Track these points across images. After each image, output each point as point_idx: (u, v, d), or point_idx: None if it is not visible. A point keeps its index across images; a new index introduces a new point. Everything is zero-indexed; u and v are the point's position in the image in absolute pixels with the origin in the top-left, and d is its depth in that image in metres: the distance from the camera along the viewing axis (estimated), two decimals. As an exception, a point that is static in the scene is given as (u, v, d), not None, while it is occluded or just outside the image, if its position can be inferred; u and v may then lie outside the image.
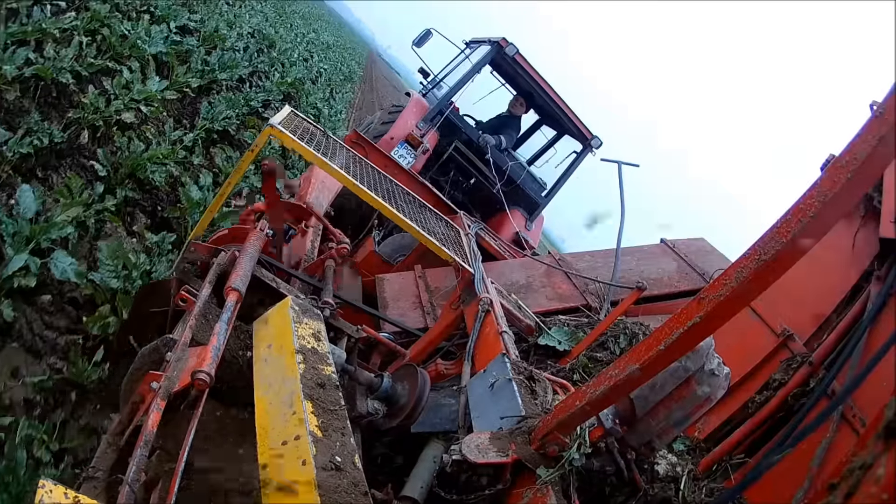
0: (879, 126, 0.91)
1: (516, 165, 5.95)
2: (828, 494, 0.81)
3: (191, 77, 6.25)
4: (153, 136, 4.92)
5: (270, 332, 1.65)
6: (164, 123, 5.27)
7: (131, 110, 4.79)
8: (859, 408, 1.89)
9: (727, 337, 1.80)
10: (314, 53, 16.33)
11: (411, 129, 5.35)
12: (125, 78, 5.05)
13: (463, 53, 6.45)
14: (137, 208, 4.27)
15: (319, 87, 13.14)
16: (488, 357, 2.00)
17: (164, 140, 5.02)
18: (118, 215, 3.94)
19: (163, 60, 6.01)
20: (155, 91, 5.25)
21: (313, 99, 11.09)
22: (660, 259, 3.78)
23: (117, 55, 5.25)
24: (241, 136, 6.61)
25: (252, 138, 5.87)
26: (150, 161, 4.47)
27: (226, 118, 6.26)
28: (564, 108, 5.96)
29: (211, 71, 6.92)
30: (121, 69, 5.11)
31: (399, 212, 2.50)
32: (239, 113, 6.78)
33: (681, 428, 1.56)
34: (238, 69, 7.92)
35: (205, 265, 2.17)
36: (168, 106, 5.64)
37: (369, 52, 46.51)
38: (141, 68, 5.43)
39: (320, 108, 11.25)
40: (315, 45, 18.16)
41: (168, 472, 1.43)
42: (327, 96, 13.46)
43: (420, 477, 1.73)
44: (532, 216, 6.04)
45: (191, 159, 5.21)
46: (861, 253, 2.35)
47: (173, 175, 4.75)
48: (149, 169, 4.41)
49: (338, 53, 23.17)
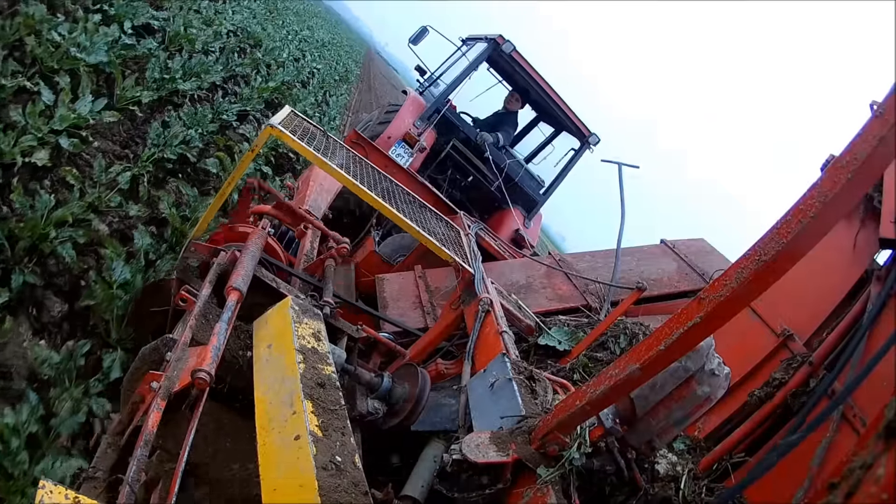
0: (879, 126, 0.91)
1: (514, 163, 5.93)
2: (828, 494, 0.81)
3: (142, 91, 4.83)
4: (76, 180, 3.44)
5: (270, 332, 1.65)
6: (95, 159, 3.74)
7: (46, 146, 3.40)
8: (859, 408, 1.89)
9: (727, 337, 1.80)
10: (307, 52, 14.95)
11: (408, 128, 5.33)
12: (44, 101, 3.62)
13: (459, 51, 6.44)
14: (50, 290, 2.91)
15: (311, 89, 11.89)
16: (488, 357, 2.01)
17: (90, 185, 3.54)
18: (18, 311, 2.68)
19: (108, 72, 4.64)
20: (87, 114, 3.86)
21: (303, 105, 9.76)
22: (660, 259, 3.78)
23: (47, 70, 3.93)
24: (204, 163, 5.03)
25: (220, 164, 5.14)
26: (57, 225, 3.01)
27: (184, 142, 4.82)
28: (562, 105, 5.94)
29: (171, 80, 5.40)
30: (39, 90, 3.67)
31: (399, 212, 2.50)
32: (204, 132, 5.33)
33: (681, 427, 1.56)
34: (210, 75, 6.41)
35: (205, 265, 2.17)
36: (108, 132, 4.22)
37: (367, 49, 45.93)
38: (75, 85, 4.04)
39: (310, 115, 9.54)
40: (309, 42, 16.90)
41: (168, 472, 1.43)
42: (320, 100, 12.20)
43: (420, 476, 1.73)
44: (530, 214, 6.03)
45: (127, 209, 3.67)
46: (861, 253, 2.35)
47: (92, 241, 3.25)
48: (55, 237, 2.96)
49: (333, 51, 21.50)
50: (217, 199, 2.54)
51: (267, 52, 10.08)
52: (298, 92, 10.25)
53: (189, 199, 4.43)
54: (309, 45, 16.72)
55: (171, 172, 4.60)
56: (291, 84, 10.23)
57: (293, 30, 15.79)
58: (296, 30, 16.32)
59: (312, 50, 16.40)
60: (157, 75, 5.25)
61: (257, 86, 8.01)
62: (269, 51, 10.27)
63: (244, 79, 8.03)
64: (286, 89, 9.33)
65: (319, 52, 17.41)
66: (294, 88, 10.18)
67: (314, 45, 17.65)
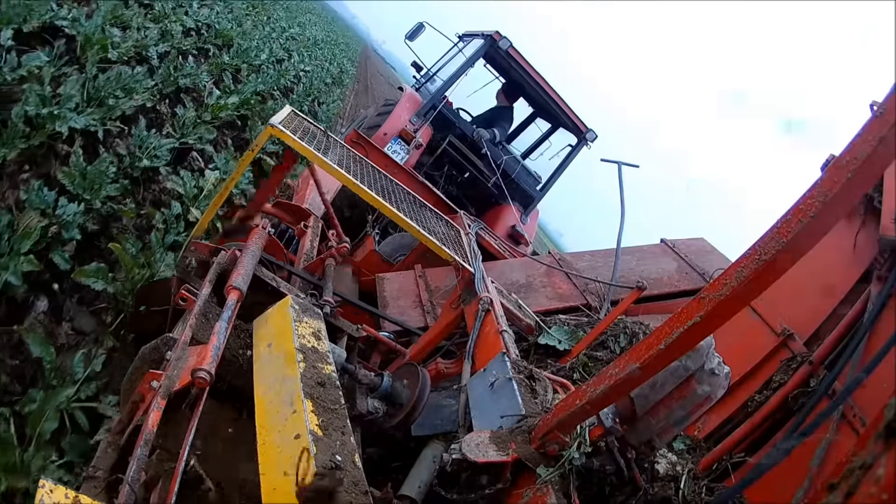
0: (879, 126, 0.91)
1: (511, 159, 5.93)
2: (828, 494, 0.81)
3: None
4: None
5: (270, 331, 1.65)
6: None
7: None
8: (859, 408, 1.89)
9: (727, 336, 1.80)
10: (295, 52, 13.29)
11: (405, 124, 5.31)
12: None
13: (456, 47, 6.43)
14: None
15: (297, 96, 10.06)
16: (488, 356, 2.01)
17: None
18: None
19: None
20: None
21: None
22: (660, 259, 3.78)
23: None
24: (83, 274, 2.80)
25: (116, 272, 2.98)
26: None
27: (42, 239, 2.72)
28: (559, 101, 5.94)
29: (51, 118, 3.24)
30: None
31: (399, 211, 2.50)
32: (91, 200, 3.21)
33: (681, 427, 1.56)
34: (127, 99, 4.11)
35: (205, 264, 2.17)
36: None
37: (364, 47, 45.20)
38: None
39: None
40: (297, 40, 15.30)
41: (168, 472, 1.43)
42: (307, 108, 10.14)
43: (419, 476, 1.73)
44: (527, 210, 6.02)
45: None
46: (861, 253, 2.35)
47: None
48: None
49: (328, 50, 20.04)
50: (217, 200, 2.54)
51: (238, 54, 8.06)
52: (276, 105, 7.70)
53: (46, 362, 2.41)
54: (298, 43, 15.17)
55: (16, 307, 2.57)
56: (268, 94, 8.06)
57: (280, 27, 14.21)
58: (283, 27, 14.71)
59: (302, 49, 14.86)
60: (34, 108, 3.17)
61: (212, 103, 5.63)
62: (242, 52, 8.22)
63: (196, 94, 5.67)
64: (259, 101, 7.05)
65: (310, 52, 15.82)
66: (271, 100, 7.91)
67: (304, 44, 16.07)
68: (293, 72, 11.09)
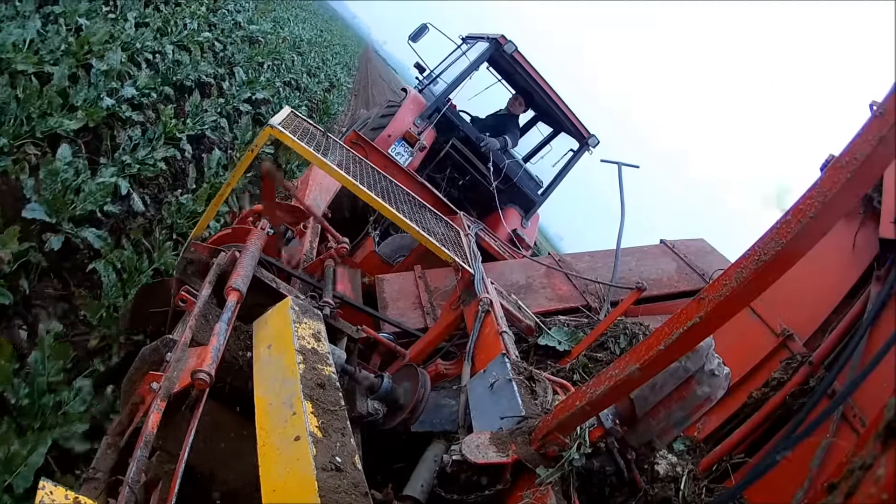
0: (879, 126, 0.91)
1: (513, 163, 5.93)
2: (828, 494, 0.81)
3: None
4: None
5: (270, 333, 1.65)
6: None
7: None
8: (860, 408, 1.89)
9: (727, 337, 1.80)
10: (286, 56, 10.07)
11: (409, 127, 5.31)
12: None
13: (459, 49, 6.43)
14: None
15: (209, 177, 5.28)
16: (488, 357, 2.00)
17: None
18: None
19: None
20: None
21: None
22: (659, 259, 3.78)
23: None
24: None
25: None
26: None
27: None
28: (562, 106, 5.94)
29: None
30: None
31: (399, 212, 2.50)
32: None
33: (681, 428, 1.55)
34: None
35: (204, 265, 2.16)
36: None
37: (365, 48, 43.14)
38: None
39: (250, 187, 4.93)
40: (261, 44, 10.30)
41: (168, 473, 1.43)
42: None
43: (421, 476, 1.73)
44: (528, 214, 6.02)
45: None
46: (861, 253, 2.35)
47: None
48: None
49: (316, 56, 15.95)
50: (217, 199, 2.54)
51: (177, 70, 5.02)
52: (219, 160, 4.97)
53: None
54: (288, 47, 11.12)
55: None
56: (219, 129, 5.21)
57: (229, 20, 9.37)
58: (237, 21, 9.69)
59: (289, 54, 10.87)
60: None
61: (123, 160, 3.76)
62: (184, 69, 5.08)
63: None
64: (207, 147, 4.45)
65: (280, 61, 10.56)
66: (232, 131, 5.28)
67: (289, 47, 11.70)
68: (273, 87, 6.93)
